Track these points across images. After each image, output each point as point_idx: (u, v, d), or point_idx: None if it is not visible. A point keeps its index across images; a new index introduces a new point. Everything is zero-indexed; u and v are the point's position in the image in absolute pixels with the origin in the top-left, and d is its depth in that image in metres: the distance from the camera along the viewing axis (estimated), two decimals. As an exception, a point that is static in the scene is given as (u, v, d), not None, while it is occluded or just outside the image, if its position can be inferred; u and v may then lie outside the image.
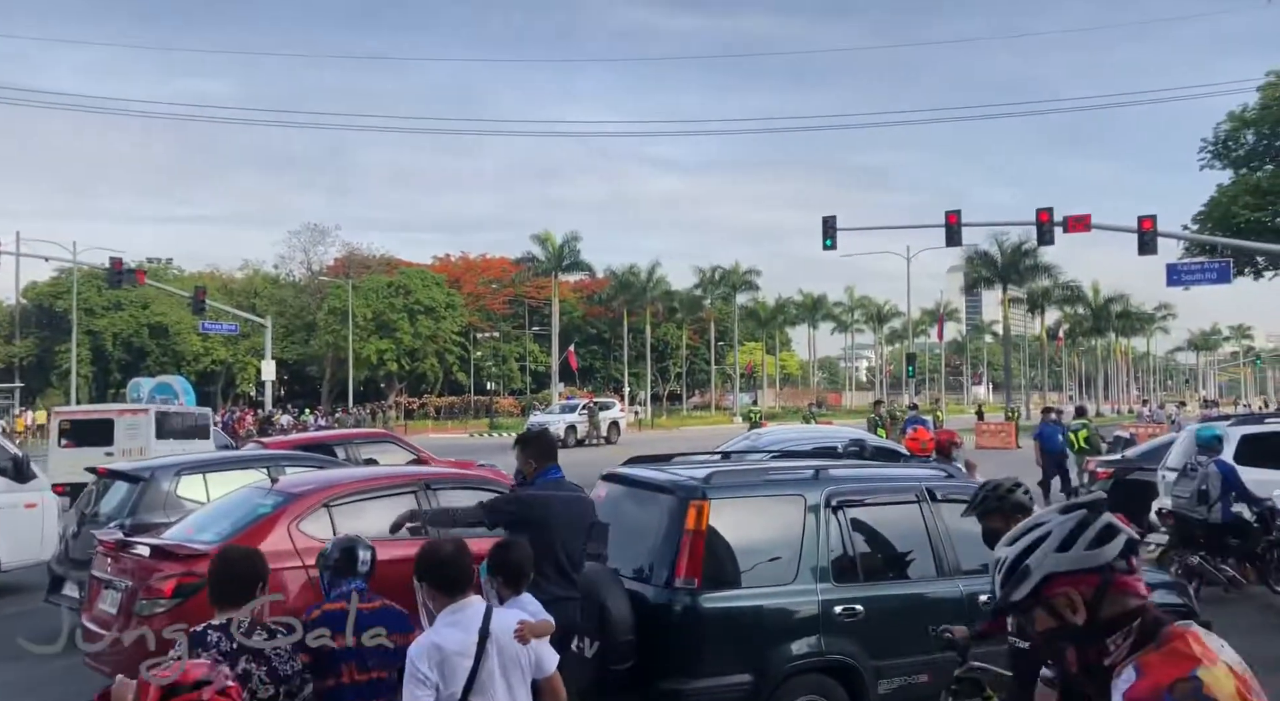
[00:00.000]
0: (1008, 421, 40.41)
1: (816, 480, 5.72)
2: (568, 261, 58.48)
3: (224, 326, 47.99)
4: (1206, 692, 1.62)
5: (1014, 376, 63.52)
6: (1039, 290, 64.33)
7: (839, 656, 5.27)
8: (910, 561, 5.75)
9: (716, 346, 77.91)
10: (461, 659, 3.36)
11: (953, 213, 27.35)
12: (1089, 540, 1.73)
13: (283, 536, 6.73)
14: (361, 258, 71.75)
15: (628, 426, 45.48)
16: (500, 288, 73.42)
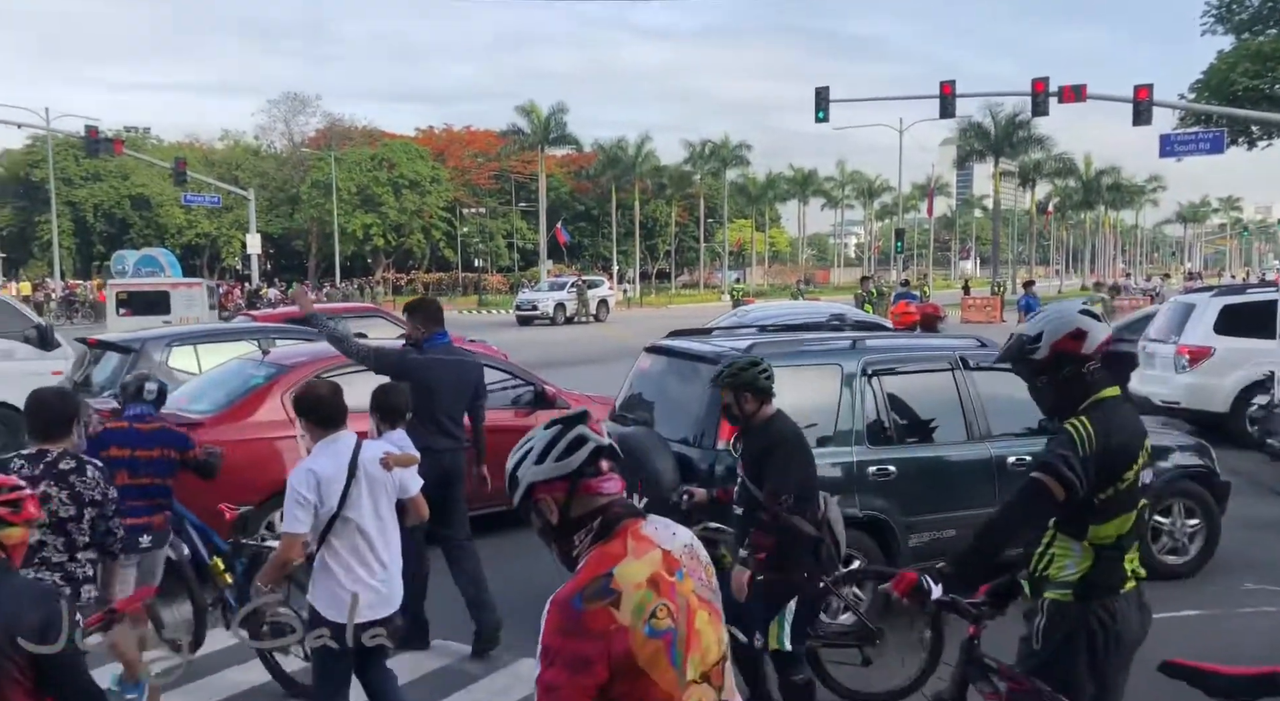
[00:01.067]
0: (993, 296, 40.66)
1: (853, 350, 6.02)
2: (554, 135, 57.06)
3: (206, 199, 47.13)
4: (613, 586, 1.86)
5: (1002, 251, 63.50)
6: (1031, 163, 63.48)
7: (872, 513, 5.60)
8: (942, 426, 6.03)
9: (706, 223, 77.20)
10: (335, 483, 3.95)
11: (947, 83, 26.69)
12: (559, 452, 1.97)
13: (276, 407, 6.86)
14: (344, 129, 69.97)
15: (616, 304, 45.50)
16: (486, 161, 71.98)
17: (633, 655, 1.85)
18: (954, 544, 5.78)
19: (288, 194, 66.16)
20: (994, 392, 6.15)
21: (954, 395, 6.06)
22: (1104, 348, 3.00)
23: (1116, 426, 2.88)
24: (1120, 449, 2.85)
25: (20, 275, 57.13)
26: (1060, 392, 2.98)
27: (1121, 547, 2.90)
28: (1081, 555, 2.89)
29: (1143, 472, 2.91)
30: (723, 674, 2.00)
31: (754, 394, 4.45)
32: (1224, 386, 10.96)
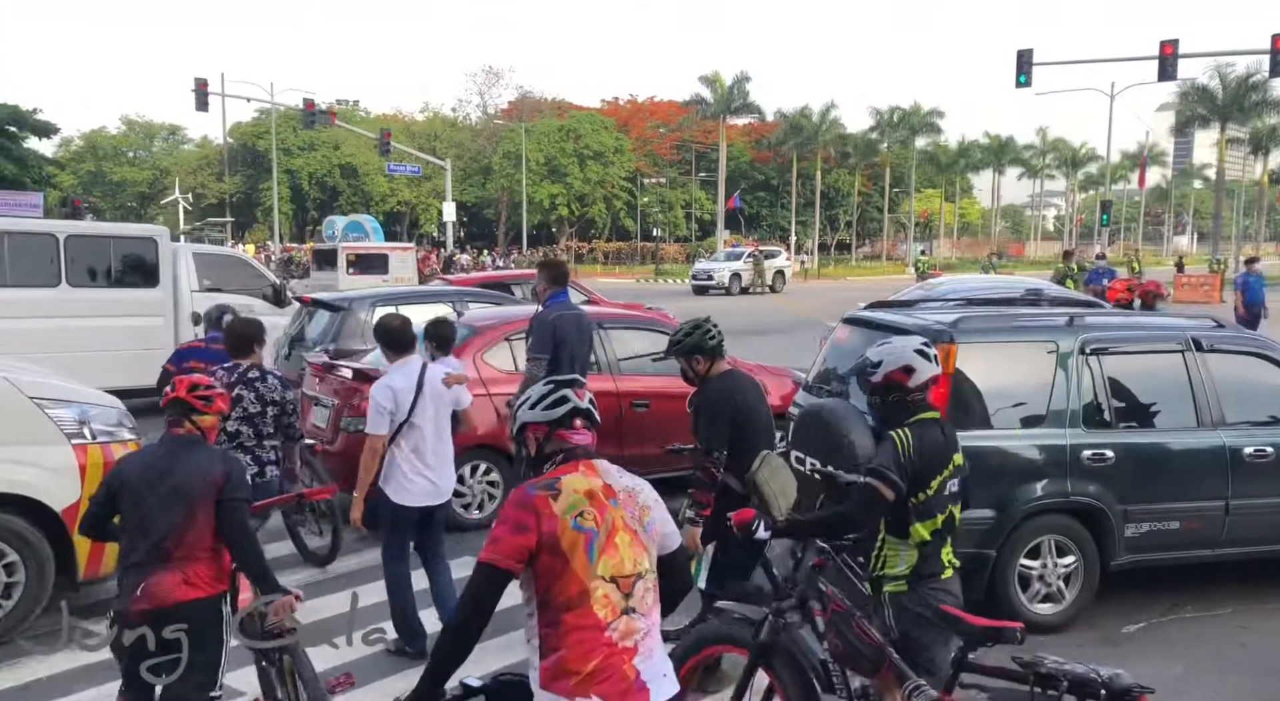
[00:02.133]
0: (1212, 273, 37.23)
1: (1070, 327, 5.77)
2: (736, 104, 56.57)
3: (408, 168, 49.93)
4: (558, 486, 2.49)
5: (1225, 226, 57.82)
6: (1265, 129, 57.20)
7: (1085, 499, 5.42)
8: (1169, 410, 5.74)
9: (891, 193, 74.55)
10: (407, 394, 4.98)
11: (1168, 43, 24.57)
12: (545, 405, 2.62)
13: (469, 366, 7.28)
14: (534, 101, 72.16)
15: (793, 275, 44.92)
16: (668, 132, 72.38)
17: (558, 537, 2.43)
18: (1176, 536, 5.58)
19: (481, 164, 69.05)
20: (1230, 377, 5.79)
21: (1183, 378, 5.71)
22: (931, 382, 3.62)
23: (928, 443, 3.52)
24: (930, 461, 3.50)
25: (245, 238, 62.74)
26: (887, 411, 3.65)
27: (936, 545, 3.54)
28: (908, 552, 3.53)
29: (949, 482, 3.52)
30: (634, 588, 2.49)
31: (703, 355, 4.78)
32: None
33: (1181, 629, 5.49)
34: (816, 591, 3.59)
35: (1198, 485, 5.58)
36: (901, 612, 3.50)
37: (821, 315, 22.89)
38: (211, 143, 70.47)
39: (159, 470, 3.57)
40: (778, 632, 3.52)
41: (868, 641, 3.39)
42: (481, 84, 73.18)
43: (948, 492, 3.52)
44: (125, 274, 11.62)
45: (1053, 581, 5.47)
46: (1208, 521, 5.59)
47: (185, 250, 13.06)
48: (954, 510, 3.57)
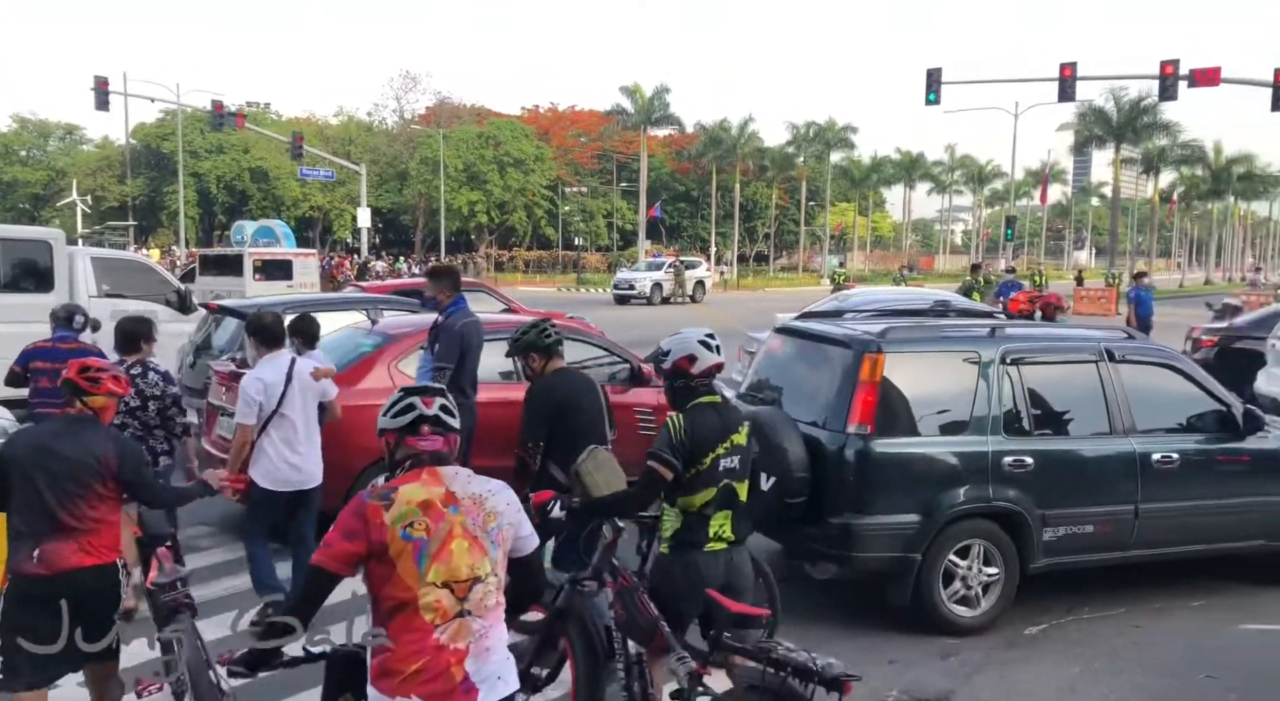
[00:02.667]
0: (1108, 287, 38.93)
1: (992, 337, 5.94)
2: (657, 115, 56.98)
3: (321, 173, 48.79)
4: (393, 496, 2.60)
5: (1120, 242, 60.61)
6: (1155, 150, 60.19)
7: (1006, 503, 5.54)
8: (1083, 418, 5.90)
9: (807, 206, 75.98)
10: (276, 386, 5.32)
11: (1067, 65, 25.63)
12: (393, 412, 2.77)
13: (384, 374, 7.11)
14: (452, 107, 71.39)
15: (713, 286, 45.35)
16: (589, 141, 72.44)
17: (386, 545, 2.56)
18: (1091, 539, 5.74)
19: (397, 170, 67.94)
20: (1140, 386, 5.99)
21: (1097, 387, 5.89)
22: (714, 369, 3.93)
23: (700, 424, 3.83)
24: (702, 440, 3.80)
25: (149, 242, 60.38)
26: (675, 394, 3.98)
27: (706, 515, 3.82)
28: (676, 519, 3.83)
29: (723, 459, 3.82)
30: (470, 592, 2.59)
31: (538, 353, 5.15)
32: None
33: (1080, 629, 5.65)
34: (610, 566, 3.92)
35: (1110, 490, 5.76)
36: (658, 571, 3.87)
37: (741, 325, 23.12)
38: (113, 143, 67.64)
39: (47, 448, 3.71)
40: (572, 599, 3.86)
41: (645, 614, 3.71)
42: (398, 88, 72.32)
43: (722, 468, 3.83)
44: (18, 278, 11.15)
45: (975, 585, 5.57)
46: (1119, 525, 5.78)
47: (83, 254, 12.53)
48: (734, 485, 3.87)
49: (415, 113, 71.86)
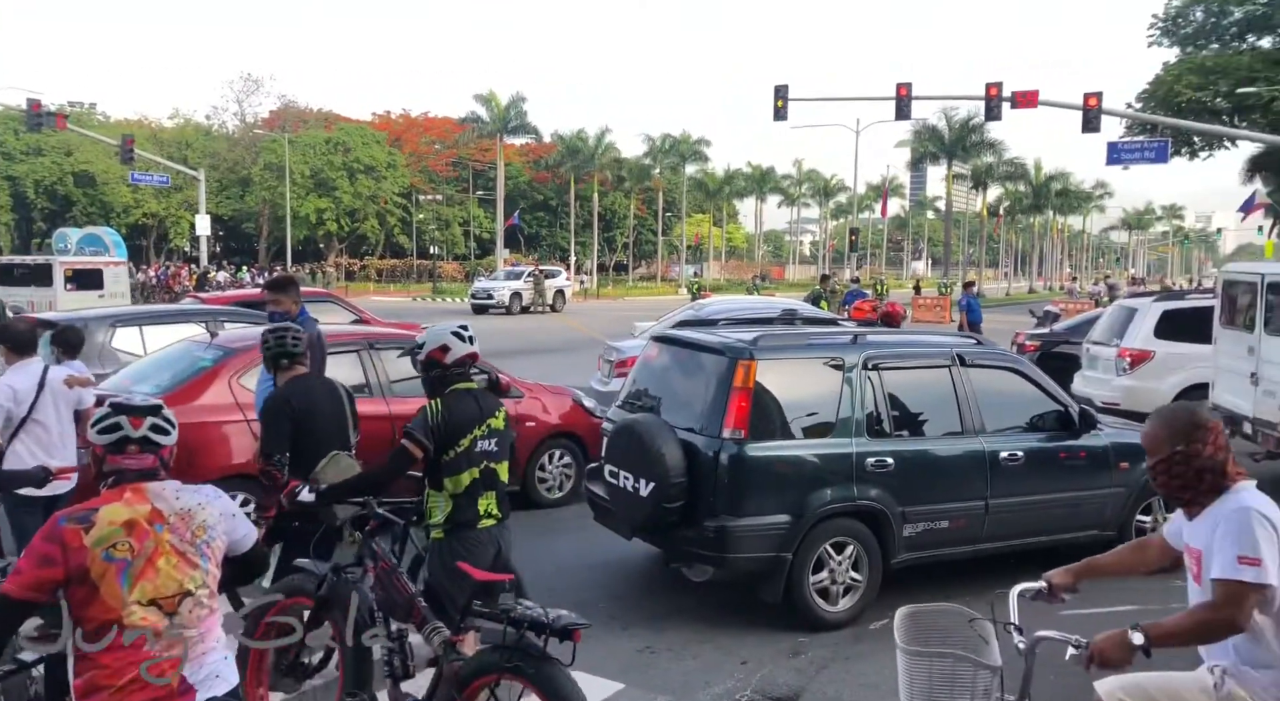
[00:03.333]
0: (941, 296, 41.32)
1: (855, 344, 6.14)
2: (513, 123, 56.59)
3: (155, 178, 45.93)
4: (93, 518, 2.56)
5: (954, 252, 64.43)
6: (983, 166, 64.46)
7: (869, 502, 5.77)
8: (938, 420, 6.18)
9: (664, 217, 77.22)
10: (28, 393, 5.40)
11: (903, 85, 27.02)
12: (100, 428, 2.70)
13: (224, 390, 6.77)
14: (298, 111, 68.72)
15: (573, 295, 45.42)
16: (444, 149, 71.22)
17: (87, 568, 2.50)
18: (946, 534, 6.02)
19: (239, 175, 64.82)
20: (989, 389, 6.33)
21: (950, 390, 6.20)
22: (467, 359, 4.22)
23: (457, 409, 4.11)
24: (458, 424, 4.08)
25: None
26: (431, 383, 4.24)
27: (472, 494, 4.12)
28: (445, 502, 4.11)
29: (481, 441, 4.13)
30: (179, 607, 2.60)
31: (288, 359, 5.08)
32: (1162, 389, 11.27)
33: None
34: (371, 551, 4.13)
35: (963, 487, 6.08)
36: (435, 556, 4.14)
37: (601, 334, 23.26)
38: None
39: None
40: (335, 587, 4.04)
41: (403, 592, 3.98)
42: (239, 91, 69.08)
43: (479, 449, 4.13)
44: None
45: (842, 580, 5.77)
46: (971, 519, 6.11)
47: None
48: (494, 466, 4.21)
49: (258, 116, 68.79)
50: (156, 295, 36.29)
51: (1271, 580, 2.48)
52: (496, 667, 3.48)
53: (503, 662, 3.45)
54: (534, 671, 3.38)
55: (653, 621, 5.81)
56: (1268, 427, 8.93)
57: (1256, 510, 2.59)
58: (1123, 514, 6.68)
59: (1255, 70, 33.86)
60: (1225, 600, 2.52)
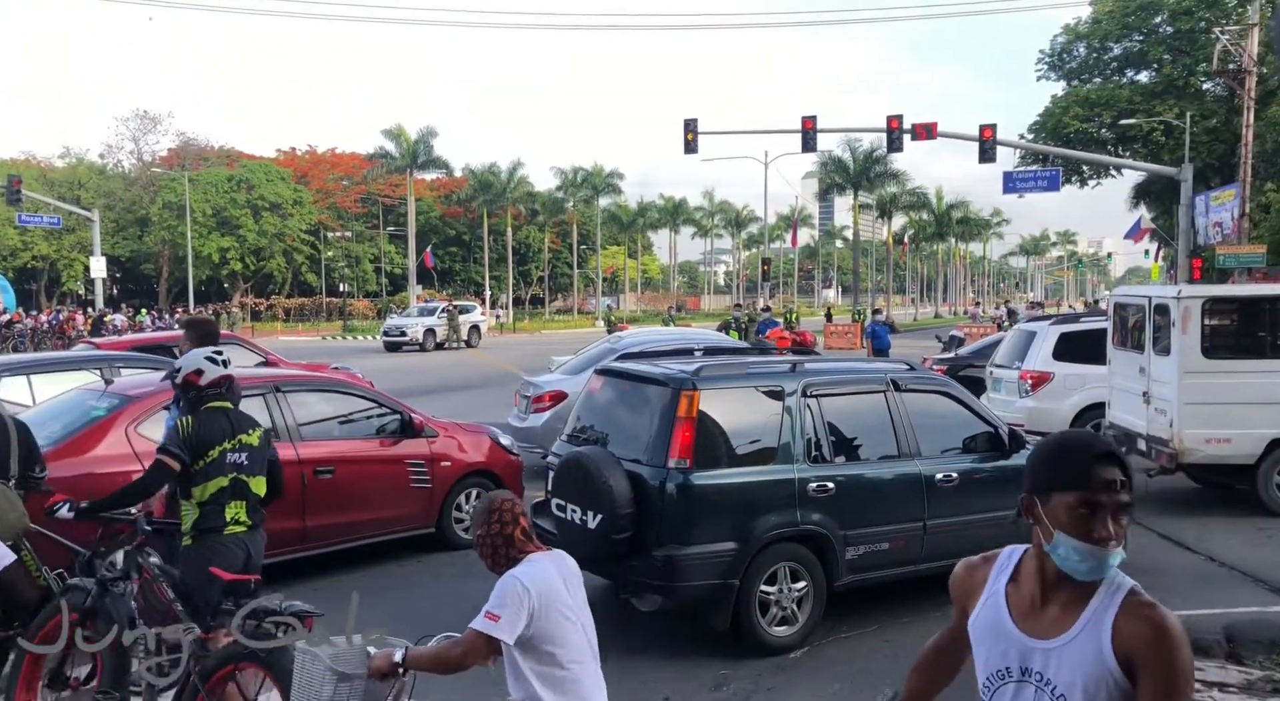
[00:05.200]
0: (854, 322, 42.36)
1: (793, 373, 6.25)
2: (423, 159, 56.16)
3: (45, 219, 43.93)
4: None
5: (862, 280, 66.19)
6: (888, 196, 66.59)
7: (812, 526, 5.83)
8: (875, 444, 6.30)
9: (579, 250, 77.39)
10: None
11: (809, 118, 27.75)
12: None
13: (120, 439, 6.47)
14: (198, 149, 66.94)
15: (489, 330, 44.97)
16: (352, 185, 70.17)
17: None
18: (887, 556, 6.11)
19: (136, 215, 62.64)
20: (922, 412, 6.47)
21: (886, 415, 6.32)
22: (221, 380, 4.62)
23: (208, 425, 4.51)
24: (207, 438, 4.47)
25: None
26: (189, 403, 4.65)
27: (221, 504, 4.46)
28: (193, 510, 4.45)
29: (230, 454, 4.50)
30: None
31: None
32: (1062, 409, 11.70)
33: (838, 648, 5.94)
34: (135, 564, 4.51)
35: (902, 509, 6.18)
36: (186, 560, 4.45)
37: (518, 369, 23.07)
38: None
39: None
40: (102, 599, 4.37)
41: (162, 598, 4.39)
42: (135, 129, 66.62)
43: (230, 462, 4.51)
44: None
45: (788, 605, 5.78)
46: (910, 540, 6.21)
47: None
48: (245, 478, 4.55)
49: (156, 154, 66.76)
50: (48, 341, 34.59)
51: (503, 635, 2.94)
52: (236, 657, 3.91)
53: (240, 652, 3.87)
54: (267, 656, 3.78)
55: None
56: (1160, 444, 9.33)
57: (516, 576, 3.02)
58: None
59: (1135, 102, 35.98)
60: (466, 643, 3.01)
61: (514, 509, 3.15)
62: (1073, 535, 1.84)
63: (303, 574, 6.79)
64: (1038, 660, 1.91)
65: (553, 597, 3.01)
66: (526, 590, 2.96)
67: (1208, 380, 8.99)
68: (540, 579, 3.02)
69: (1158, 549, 8.17)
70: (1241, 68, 26.03)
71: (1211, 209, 28.95)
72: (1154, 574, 7.37)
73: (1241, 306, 9.57)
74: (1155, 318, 9.49)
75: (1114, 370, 10.50)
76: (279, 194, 63.07)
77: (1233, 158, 30.93)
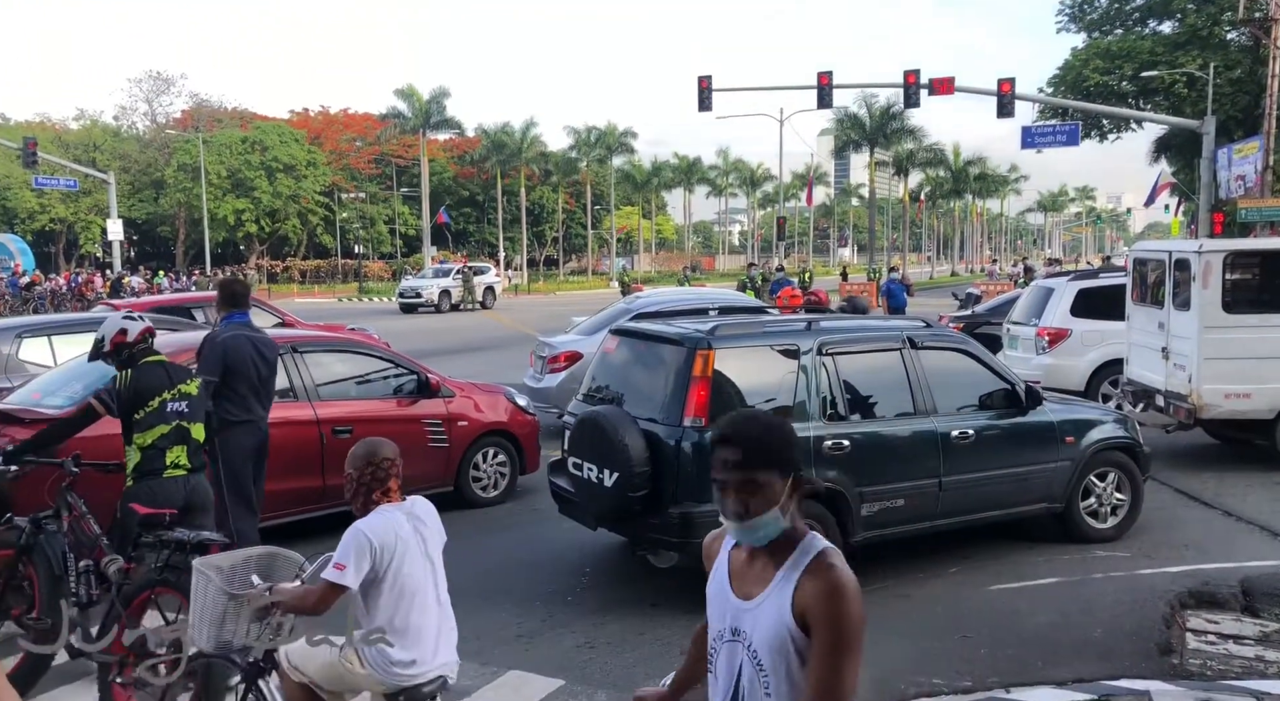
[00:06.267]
0: (869, 281, 42.08)
1: (809, 331, 6.26)
2: (436, 118, 55.75)
3: (61, 181, 44.09)
4: None
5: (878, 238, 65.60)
6: (904, 153, 65.69)
7: (828, 483, 5.84)
8: (891, 401, 6.29)
9: (593, 210, 77.01)
10: None
11: (824, 73, 27.37)
12: None
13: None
14: (212, 110, 66.81)
15: (503, 291, 44.99)
16: (365, 146, 69.93)
17: None
18: (903, 512, 6.16)
19: (152, 177, 62.74)
20: (938, 370, 6.46)
21: (902, 373, 6.33)
22: (145, 332, 4.92)
23: (144, 377, 4.82)
24: (144, 389, 4.79)
25: None
26: (122, 360, 4.89)
27: (161, 448, 4.79)
28: (135, 455, 4.79)
29: (171, 403, 4.83)
30: None
31: None
32: (1079, 366, 11.65)
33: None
34: (66, 502, 4.84)
35: (917, 466, 6.20)
36: (125, 499, 4.74)
37: (533, 330, 23.11)
38: None
39: None
40: (36, 537, 4.68)
41: (89, 534, 4.78)
42: (149, 91, 66.56)
43: (171, 409, 4.84)
44: None
45: None
46: (926, 497, 6.23)
47: None
48: (186, 424, 4.88)
49: (170, 116, 66.65)
50: (68, 304, 34.88)
51: (348, 582, 3.21)
52: (152, 583, 4.28)
53: (155, 578, 4.26)
54: (178, 581, 4.08)
55: (591, 617, 5.79)
56: (1178, 399, 9.29)
57: (359, 528, 3.29)
58: (1069, 486, 6.87)
59: (1157, 54, 35.21)
60: (319, 592, 3.27)
61: (388, 470, 3.41)
62: (720, 510, 2.02)
63: (319, 532, 6.88)
64: (745, 620, 2.03)
65: (397, 545, 3.31)
66: (369, 540, 3.26)
67: (1228, 335, 8.92)
68: (384, 529, 3.31)
69: (1175, 504, 8.18)
70: (1268, 16, 25.42)
71: (1234, 162, 28.45)
72: (1171, 528, 7.40)
73: (1265, 261, 9.43)
74: (1175, 273, 9.39)
75: (1133, 326, 10.43)
76: (293, 155, 62.96)
77: (1257, 109, 30.32)
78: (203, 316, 11.84)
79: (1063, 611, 5.81)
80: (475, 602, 5.93)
